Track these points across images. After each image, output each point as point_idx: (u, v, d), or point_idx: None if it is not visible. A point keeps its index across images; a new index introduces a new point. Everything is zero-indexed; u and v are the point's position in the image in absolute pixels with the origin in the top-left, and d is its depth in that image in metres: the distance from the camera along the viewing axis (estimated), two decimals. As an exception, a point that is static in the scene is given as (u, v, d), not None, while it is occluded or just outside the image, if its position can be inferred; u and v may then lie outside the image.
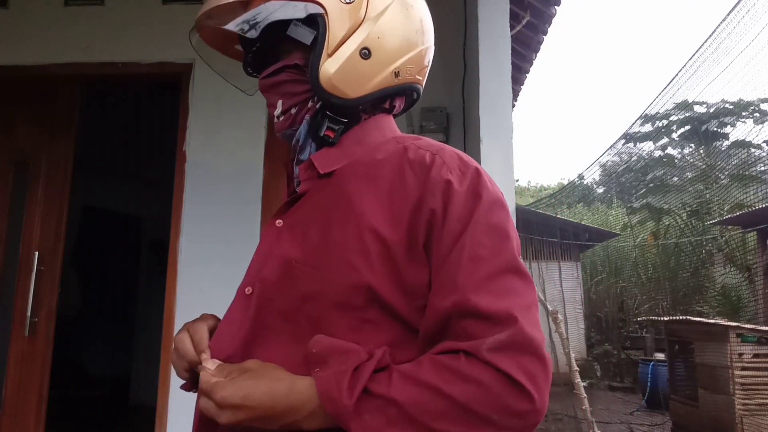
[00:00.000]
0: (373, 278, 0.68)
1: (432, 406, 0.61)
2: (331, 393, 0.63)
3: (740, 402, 4.64)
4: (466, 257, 0.66)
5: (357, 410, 0.62)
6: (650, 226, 10.11)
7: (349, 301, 0.69)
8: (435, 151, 0.75)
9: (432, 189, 0.69)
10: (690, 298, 8.70)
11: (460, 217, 0.68)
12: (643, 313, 9.59)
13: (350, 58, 0.76)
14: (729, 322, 5.27)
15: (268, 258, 0.76)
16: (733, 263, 7.81)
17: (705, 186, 8.60)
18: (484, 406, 0.60)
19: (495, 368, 0.61)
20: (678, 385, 5.83)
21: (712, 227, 8.39)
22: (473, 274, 0.65)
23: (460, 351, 0.63)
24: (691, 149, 10.22)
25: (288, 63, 0.80)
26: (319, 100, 0.79)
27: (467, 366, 0.62)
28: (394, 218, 0.70)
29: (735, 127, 9.62)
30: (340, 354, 0.66)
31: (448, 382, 0.61)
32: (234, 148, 2.63)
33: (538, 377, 0.62)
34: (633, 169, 10.94)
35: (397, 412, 0.61)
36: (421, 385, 0.62)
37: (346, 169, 0.77)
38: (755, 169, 7.45)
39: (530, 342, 0.63)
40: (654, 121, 10.73)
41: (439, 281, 0.67)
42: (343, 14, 0.76)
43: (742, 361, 4.78)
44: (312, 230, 0.74)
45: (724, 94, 9.16)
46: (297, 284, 0.72)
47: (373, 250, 0.69)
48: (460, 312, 0.64)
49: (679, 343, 5.84)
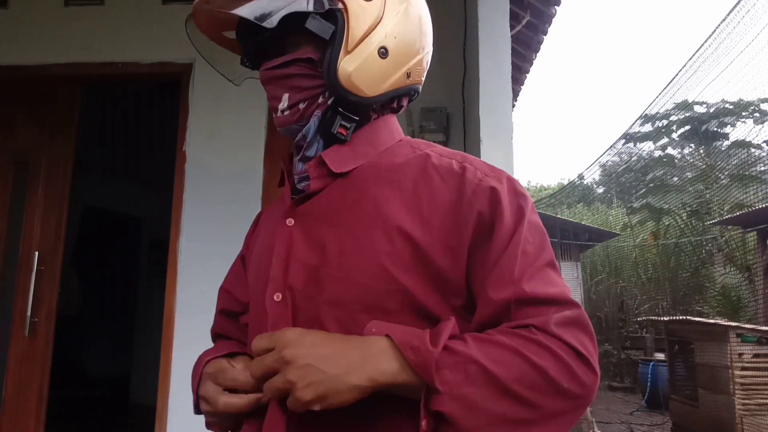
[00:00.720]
0: (408, 280, 0.69)
1: (512, 367, 0.62)
2: (412, 342, 0.62)
3: (740, 402, 4.63)
4: (519, 253, 0.69)
5: (438, 363, 0.61)
6: (650, 226, 10.11)
7: (383, 306, 0.69)
8: (460, 159, 0.78)
9: (475, 192, 0.72)
10: (690, 298, 8.70)
11: (514, 217, 0.71)
12: (643, 313, 9.59)
13: (369, 56, 0.76)
14: (729, 322, 5.27)
15: (289, 262, 0.74)
16: (733, 263, 7.81)
17: (705, 186, 8.60)
18: (559, 374, 0.62)
19: (563, 341, 0.63)
20: (678, 385, 5.83)
21: (712, 227, 8.39)
22: (526, 267, 0.68)
23: (530, 326, 0.65)
24: (691, 149, 10.22)
25: (300, 56, 0.78)
26: (333, 96, 0.77)
27: (541, 336, 0.64)
28: (424, 221, 0.71)
29: (735, 127, 9.62)
30: (403, 329, 0.65)
31: (526, 348, 0.63)
32: (234, 148, 2.63)
33: (595, 355, 0.66)
34: (633, 169, 10.94)
35: (476, 370, 0.61)
36: (500, 346, 0.63)
37: (365, 171, 0.77)
38: (755, 169, 7.45)
39: (588, 323, 0.67)
40: (654, 121, 10.73)
41: (494, 276, 0.68)
42: (363, 12, 0.76)
43: (742, 361, 4.78)
44: (331, 233, 0.73)
45: (724, 94, 9.16)
46: (324, 290, 0.71)
47: (405, 252, 0.70)
48: (520, 301, 0.66)
49: (679, 343, 5.84)
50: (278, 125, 0.81)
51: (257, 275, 0.81)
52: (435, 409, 0.61)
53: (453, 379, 0.61)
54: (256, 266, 0.84)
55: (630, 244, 10.56)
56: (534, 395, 0.62)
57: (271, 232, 0.81)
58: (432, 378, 0.61)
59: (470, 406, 0.61)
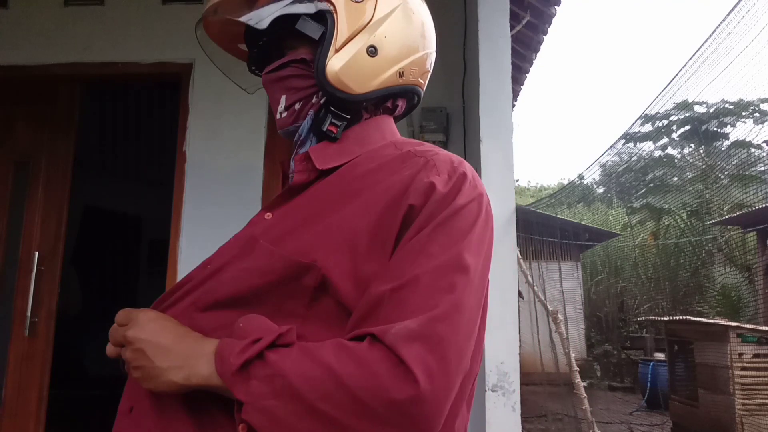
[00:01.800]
0: (323, 259, 0.67)
1: (318, 384, 0.58)
2: (223, 352, 0.63)
3: (740, 402, 4.64)
4: (417, 251, 0.65)
5: (245, 374, 0.61)
6: (650, 226, 10.10)
7: (296, 281, 0.68)
8: (430, 156, 0.74)
9: (416, 187, 0.69)
10: (690, 298, 8.70)
11: (428, 216, 0.67)
12: (643, 313, 9.59)
13: (357, 54, 0.77)
14: (729, 322, 5.27)
15: (236, 239, 0.77)
16: (733, 263, 7.81)
17: (705, 186, 8.60)
18: (370, 396, 0.57)
19: (395, 354, 0.58)
20: (678, 385, 5.83)
21: (712, 227, 8.39)
22: (418, 266, 0.64)
23: (368, 335, 0.61)
24: (691, 149, 10.21)
25: (294, 57, 0.80)
26: (324, 94, 0.79)
27: (367, 349, 0.59)
28: (371, 216, 0.69)
29: (735, 127, 9.61)
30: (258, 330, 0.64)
31: (342, 363, 0.59)
32: (234, 148, 2.63)
33: (436, 372, 0.58)
34: (633, 169, 10.93)
35: (282, 384, 0.59)
36: (314, 361, 0.60)
37: (345, 170, 0.77)
38: (755, 169, 7.44)
39: (439, 339, 0.60)
40: (654, 121, 10.72)
41: (387, 269, 0.65)
42: (352, 12, 0.78)
43: (742, 361, 4.78)
44: (297, 223, 0.74)
45: (724, 94, 9.14)
46: (250, 257, 0.72)
47: (340, 242, 0.68)
48: (391, 299, 0.62)
49: (679, 343, 5.84)
50: (278, 128, 0.84)
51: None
52: (243, 418, 0.60)
53: (258, 391, 0.60)
54: None
55: (630, 244, 10.56)
56: (343, 415, 0.57)
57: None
58: (233, 388, 0.61)
59: (274, 420, 0.59)
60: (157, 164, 4.11)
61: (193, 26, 0.88)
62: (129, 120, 4.62)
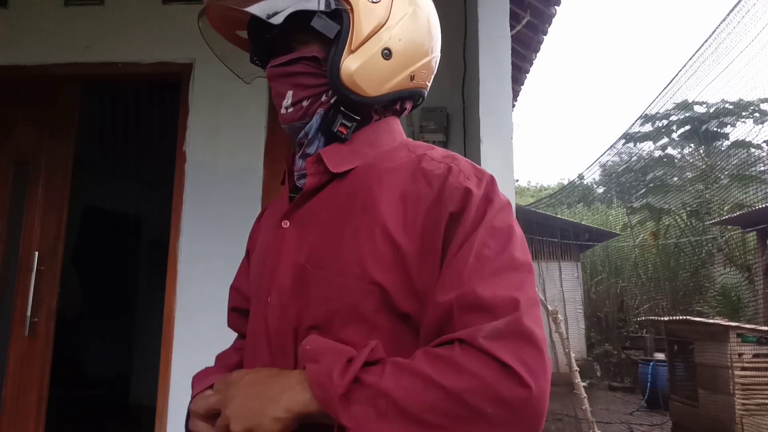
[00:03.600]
0: (385, 279, 0.69)
1: (423, 397, 0.59)
2: (320, 379, 0.62)
3: (740, 402, 4.64)
4: (473, 256, 0.66)
5: (347, 399, 0.60)
6: (650, 226, 10.11)
7: (361, 304, 0.69)
8: (450, 161, 0.75)
9: (451, 194, 0.70)
10: (690, 298, 8.71)
11: (473, 220, 0.69)
12: (643, 313, 9.59)
13: (372, 56, 0.77)
14: (729, 322, 5.27)
15: (280, 262, 0.76)
16: (733, 263, 7.81)
17: (705, 186, 8.60)
18: (478, 397, 0.58)
19: (491, 356, 0.59)
20: (678, 385, 5.83)
21: (712, 227, 8.39)
22: (478, 270, 0.65)
23: (456, 340, 0.61)
24: (691, 149, 10.21)
25: (306, 54, 0.78)
26: (335, 95, 0.78)
27: (461, 355, 0.60)
28: (408, 226, 0.70)
29: (735, 127, 9.61)
30: (332, 351, 0.66)
31: (441, 372, 0.59)
32: (234, 148, 2.63)
33: (536, 367, 0.59)
34: (633, 169, 10.93)
35: (387, 404, 0.59)
36: (413, 375, 0.60)
37: (360, 172, 0.77)
38: (755, 169, 7.45)
39: (529, 333, 0.61)
40: (654, 121, 10.72)
41: (443, 278, 0.67)
42: (369, 13, 0.77)
43: (742, 361, 4.78)
44: (321, 233, 0.74)
45: (724, 94, 9.14)
46: (310, 289, 0.73)
47: (387, 254, 0.69)
48: (462, 305, 0.64)
49: (679, 343, 5.85)
50: (282, 122, 0.82)
51: (256, 276, 0.84)
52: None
53: (363, 415, 0.60)
54: (255, 267, 0.87)
55: (630, 244, 10.56)
56: (452, 423, 0.58)
57: (270, 233, 0.83)
58: (337, 414, 0.60)
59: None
60: (157, 164, 4.11)
61: (193, 26, 0.87)
62: (129, 120, 4.62)
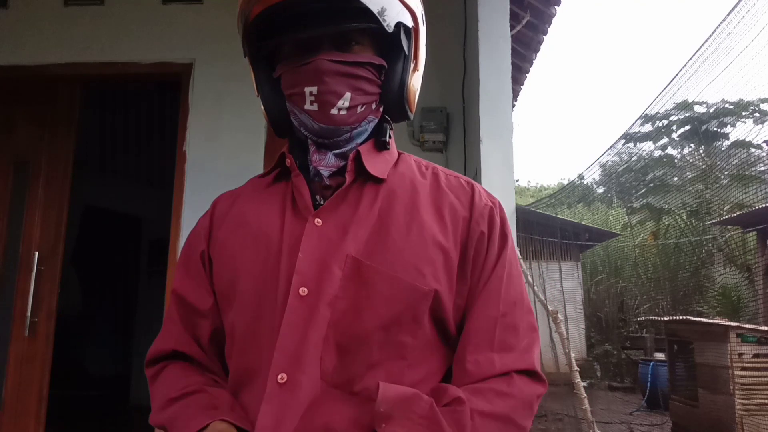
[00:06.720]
0: (439, 286, 0.72)
1: None
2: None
3: (740, 402, 4.63)
4: (506, 275, 0.76)
5: None
6: (650, 226, 10.10)
7: (419, 307, 0.71)
8: (465, 179, 0.83)
9: (480, 213, 0.78)
10: (690, 298, 8.70)
11: (499, 241, 0.78)
12: (643, 313, 9.58)
13: (420, 77, 0.82)
14: (729, 322, 5.26)
15: (326, 256, 0.72)
16: (733, 263, 7.81)
17: (705, 186, 8.60)
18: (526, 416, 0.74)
19: (534, 371, 0.76)
20: (678, 385, 5.83)
21: (712, 227, 8.39)
22: (512, 289, 0.77)
23: (510, 372, 0.73)
24: (691, 149, 10.21)
25: (373, 61, 0.77)
26: (388, 106, 0.80)
27: (518, 385, 0.73)
28: (449, 233, 0.75)
29: (735, 127, 9.60)
30: (403, 402, 0.66)
31: (516, 411, 0.72)
32: (234, 147, 2.63)
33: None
34: (633, 169, 10.92)
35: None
36: (496, 419, 0.70)
37: (395, 178, 0.80)
38: (755, 169, 7.44)
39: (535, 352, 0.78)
40: (654, 121, 10.71)
41: (486, 293, 0.76)
42: (423, 36, 0.81)
43: (742, 361, 4.77)
44: (370, 233, 0.74)
45: (724, 94, 9.14)
46: (368, 285, 0.71)
47: (438, 260, 0.73)
48: (505, 324, 0.75)
49: (679, 343, 5.84)
50: (327, 123, 0.76)
51: (261, 272, 0.75)
52: None
53: None
54: (254, 263, 0.77)
55: (630, 244, 10.55)
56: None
57: (278, 224, 0.78)
58: None
59: None
60: (157, 164, 4.10)
61: (193, 26, 0.86)
62: (129, 120, 4.62)
